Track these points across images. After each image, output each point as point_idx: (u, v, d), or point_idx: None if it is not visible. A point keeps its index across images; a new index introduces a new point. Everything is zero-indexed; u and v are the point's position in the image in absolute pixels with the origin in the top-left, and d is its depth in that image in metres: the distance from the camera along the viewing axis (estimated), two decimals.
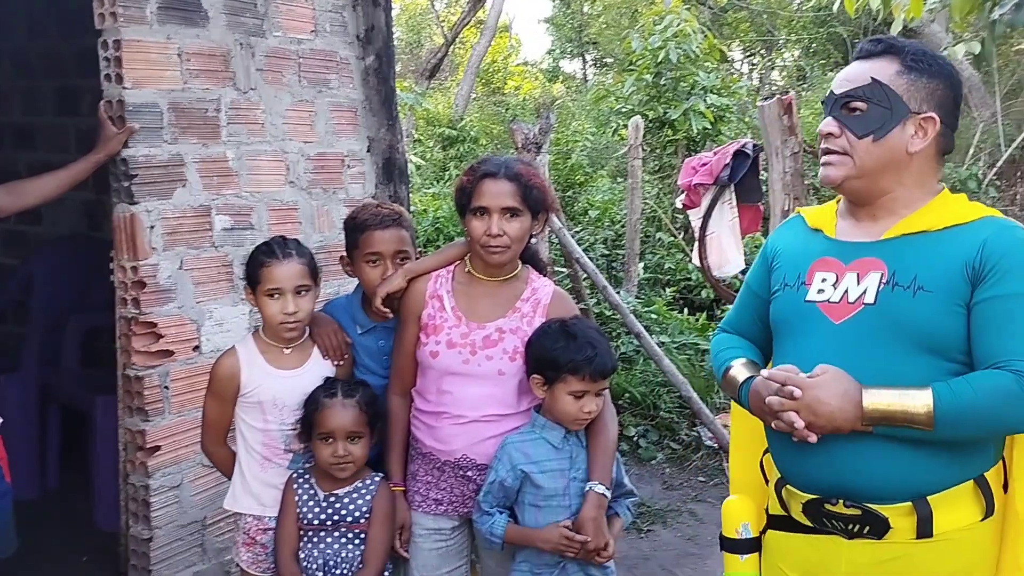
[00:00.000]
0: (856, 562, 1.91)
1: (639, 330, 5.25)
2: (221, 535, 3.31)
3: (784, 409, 1.84)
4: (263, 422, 2.54)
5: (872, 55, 1.96)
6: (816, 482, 1.93)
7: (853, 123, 1.93)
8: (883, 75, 1.92)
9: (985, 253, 1.82)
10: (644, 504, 4.69)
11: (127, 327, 3.07)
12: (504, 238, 2.39)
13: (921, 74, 1.92)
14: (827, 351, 1.90)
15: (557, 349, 2.34)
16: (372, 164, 3.90)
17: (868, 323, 1.88)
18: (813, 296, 1.97)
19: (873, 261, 1.91)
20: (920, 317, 1.83)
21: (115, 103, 2.98)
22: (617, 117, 9.98)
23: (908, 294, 1.84)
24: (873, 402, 1.79)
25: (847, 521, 1.89)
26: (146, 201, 3.04)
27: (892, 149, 1.91)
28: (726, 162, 5.36)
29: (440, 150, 13.95)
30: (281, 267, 2.48)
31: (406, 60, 21.83)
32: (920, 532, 1.84)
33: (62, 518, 4.13)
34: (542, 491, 2.37)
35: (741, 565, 2.15)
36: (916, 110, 1.91)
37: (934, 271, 1.84)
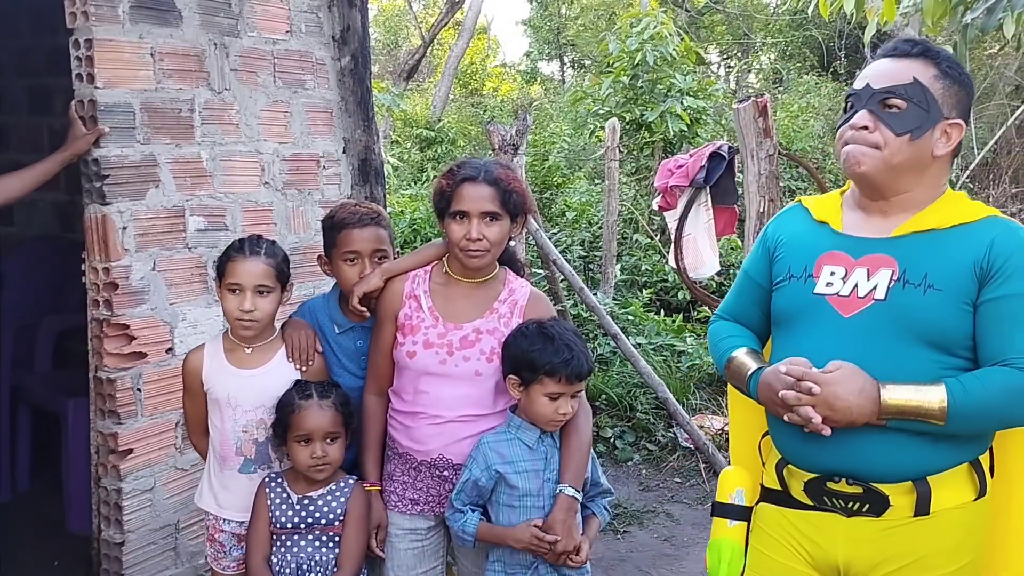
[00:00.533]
0: (854, 538, 1.97)
1: (616, 331, 5.26)
2: (194, 538, 3.29)
3: (801, 404, 1.89)
4: (220, 421, 2.54)
5: (909, 55, 1.99)
6: (821, 463, 1.98)
7: (891, 119, 1.95)
8: (923, 77, 1.95)
9: (993, 253, 1.88)
10: (620, 505, 4.70)
11: (99, 329, 3.04)
12: (483, 242, 2.39)
13: (954, 81, 1.97)
14: (835, 344, 1.94)
15: (534, 351, 2.35)
16: (348, 165, 3.88)
17: (878, 318, 1.92)
18: (822, 289, 2.00)
19: (884, 258, 1.96)
20: (930, 314, 1.88)
21: (87, 103, 2.95)
22: (594, 119, 10.00)
23: (919, 292, 1.90)
24: (890, 398, 1.85)
25: (848, 499, 1.96)
26: (118, 202, 3.01)
27: (922, 150, 1.95)
28: (702, 164, 5.38)
29: (418, 151, 13.93)
30: (245, 264, 2.47)
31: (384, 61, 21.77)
32: (918, 510, 1.92)
33: (33, 521, 4.09)
34: (516, 491, 2.38)
35: (728, 531, 2.20)
36: (947, 116, 1.96)
37: (944, 270, 1.90)
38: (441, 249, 2.56)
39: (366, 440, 2.57)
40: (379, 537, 2.53)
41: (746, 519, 2.20)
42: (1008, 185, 13.10)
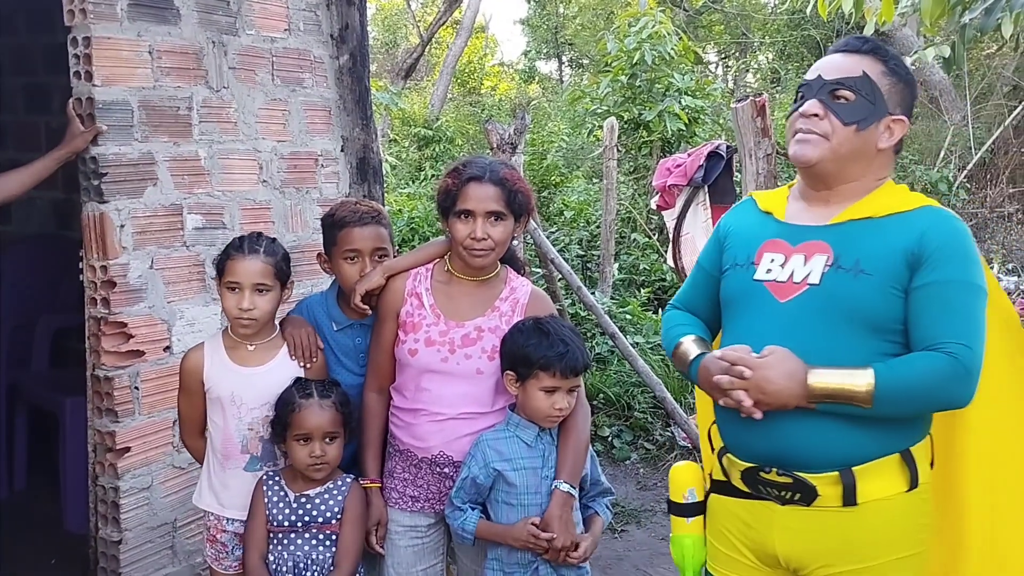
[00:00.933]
0: (787, 527, 2.03)
1: (613, 330, 5.26)
2: (192, 537, 3.28)
3: (734, 388, 1.96)
4: (222, 419, 2.53)
5: (859, 51, 2.08)
6: (753, 451, 2.05)
7: (840, 110, 2.03)
8: (872, 72, 2.04)
9: (924, 241, 1.94)
10: (618, 504, 4.70)
11: (97, 327, 3.03)
12: (488, 241, 2.40)
13: (900, 79, 2.06)
14: (772, 328, 2.01)
15: (529, 345, 2.36)
16: (346, 164, 3.88)
17: (812, 303, 1.99)
18: (761, 275, 2.08)
19: (820, 244, 2.03)
20: (860, 298, 1.95)
21: (85, 101, 2.95)
22: (592, 118, 10.00)
23: (850, 276, 1.96)
24: (817, 381, 1.90)
25: (780, 488, 2.01)
26: (116, 200, 3.00)
27: (867, 141, 2.04)
28: (700, 163, 5.39)
29: (416, 150, 13.92)
30: (243, 262, 2.47)
31: (382, 60, 21.75)
32: (845, 500, 1.96)
33: (30, 520, 4.08)
34: (515, 489, 2.39)
35: (687, 527, 2.27)
36: (892, 111, 2.04)
37: (875, 255, 1.96)
38: (443, 247, 2.56)
39: (366, 437, 2.57)
40: (379, 534, 2.53)
41: (702, 513, 2.26)
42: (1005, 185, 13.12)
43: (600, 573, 4.01)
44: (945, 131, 13.13)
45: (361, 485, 2.53)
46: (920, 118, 14.75)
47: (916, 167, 12.10)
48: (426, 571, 2.57)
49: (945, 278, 1.92)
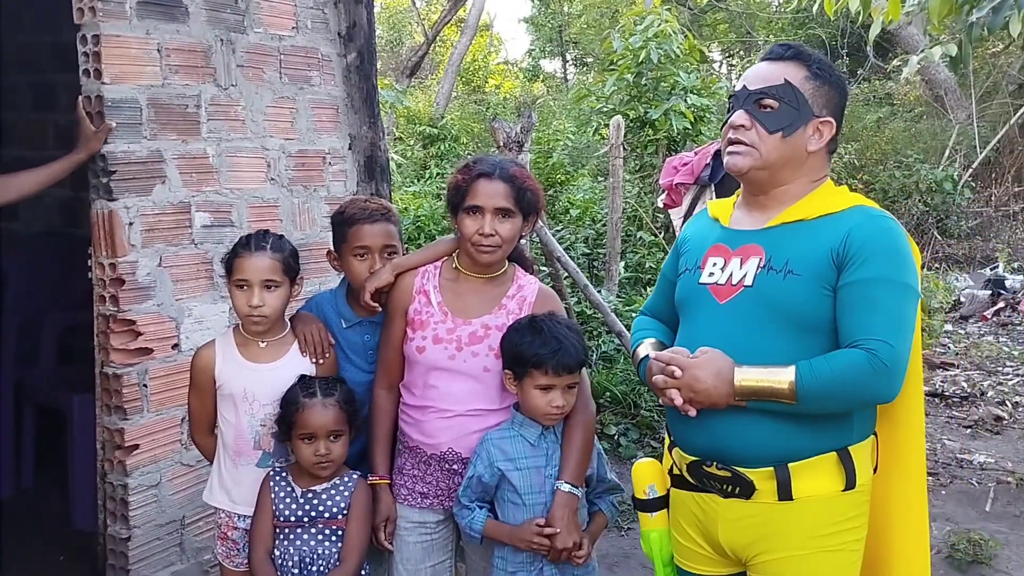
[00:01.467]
0: (730, 519, 2.12)
1: (620, 329, 5.26)
2: (200, 534, 3.29)
3: (667, 387, 2.08)
4: (234, 416, 2.54)
5: (783, 58, 2.14)
6: (695, 446, 2.15)
7: (765, 119, 2.10)
8: (794, 78, 2.10)
9: (849, 240, 2.00)
10: (624, 502, 4.69)
11: (105, 325, 3.04)
12: (495, 238, 2.40)
13: (824, 82, 2.12)
14: (712, 329, 2.11)
15: (523, 344, 2.36)
16: (354, 162, 3.88)
17: (747, 303, 2.07)
18: (704, 279, 2.17)
19: (754, 247, 2.11)
20: (789, 298, 2.02)
21: (94, 99, 2.95)
22: (598, 116, 9.98)
23: (780, 277, 2.04)
24: (742, 379, 1.99)
25: (721, 482, 2.10)
26: (125, 198, 3.01)
27: (795, 146, 2.10)
28: (706, 162, 5.38)
29: (421, 148, 13.93)
30: (251, 259, 2.48)
31: (386, 58, 21.76)
32: (780, 495, 2.04)
33: (38, 517, 4.09)
34: (519, 489, 2.39)
35: (652, 521, 2.35)
36: (818, 114, 2.11)
37: (804, 256, 2.03)
38: (451, 245, 2.57)
39: (375, 434, 2.58)
40: (387, 530, 2.54)
41: (665, 506, 2.35)
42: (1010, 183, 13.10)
43: (607, 571, 4.01)
44: (950, 130, 13.12)
45: (368, 481, 2.54)
46: (925, 117, 14.74)
47: (921, 166, 12.09)
48: (435, 568, 2.57)
49: (868, 276, 1.97)
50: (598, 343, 6.30)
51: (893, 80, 15.60)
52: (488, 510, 2.44)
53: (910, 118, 14.83)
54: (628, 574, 4.02)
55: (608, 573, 4.00)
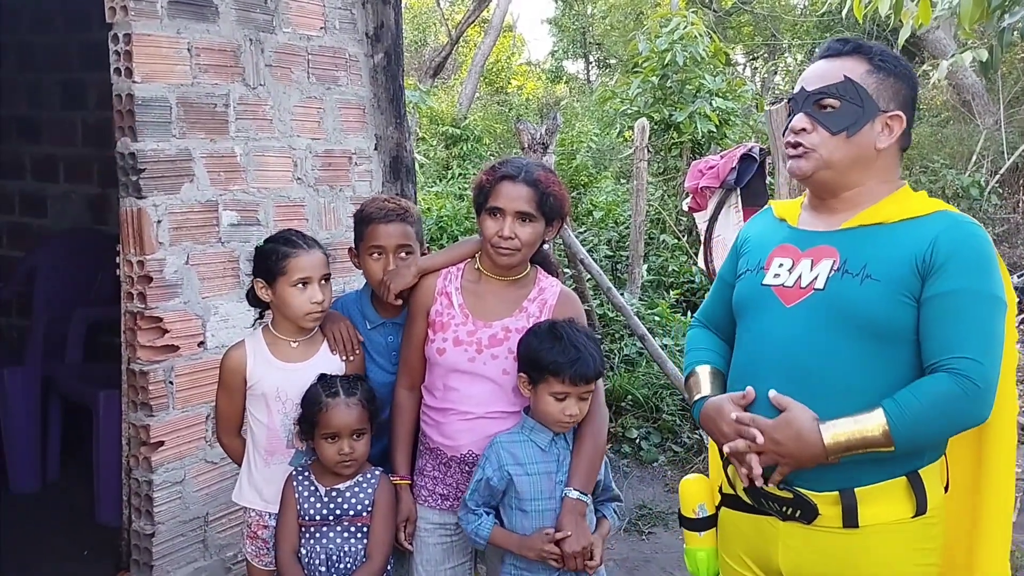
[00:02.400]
0: (789, 544, 2.00)
1: (643, 332, 5.25)
2: (223, 531, 3.31)
3: (749, 452, 1.95)
4: (267, 415, 2.55)
5: (841, 54, 2.02)
6: None
7: (827, 119, 1.99)
8: (855, 74, 1.99)
9: (936, 248, 1.87)
10: (645, 506, 4.69)
11: (133, 321, 3.06)
12: (515, 241, 2.40)
13: (888, 74, 1.99)
14: (776, 333, 1.99)
15: (541, 350, 2.34)
16: (379, 162, 3.89)
17: (816, 307, 1.95)
18: (769, 280, 2.05)
19: (828, 249, 1.99)
20: (865, 304, 1.89)
21: (124, 97, 2.97)
22: (622, 118, 9.97)
23: (856, 281, 1.91)
24: (833, 437, 1.85)
25: (781, 503, 1.98)
26: (153, 196, 3.03)
27: (862, 145, 1.98)
28: (733, 165, 5.35)
29: (443, 148, 13.95)
30: (309, 256, 2.51)
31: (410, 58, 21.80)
32: (846, 521, 1.92)
33: (63, 512, 4.12)
34: (527, 495, 2.38)
35: (699, 540, 2.24)
36: (884, 108, 1.98)
37: (884, 261, 1.90)
38: (475, 246, 2.57)
39: (396, 434, 2.58)
40: (408, 531, 2.54)
41: (714, 525, 2.23)
42: None
43: (627, 575, 4.00)
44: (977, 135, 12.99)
45: (390, 480, 2.54)
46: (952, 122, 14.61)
47: (947, 171, 11.98)
48: (454, 569, 2.57)
49: (956, 288, 1.85)
50: (620, 346, 6.29)
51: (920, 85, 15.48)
52: (494, 517, 2.42)
53: (937, 123, 14.70)
54: None
55: None
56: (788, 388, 1.95)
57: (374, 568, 2.47)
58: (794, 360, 1.95)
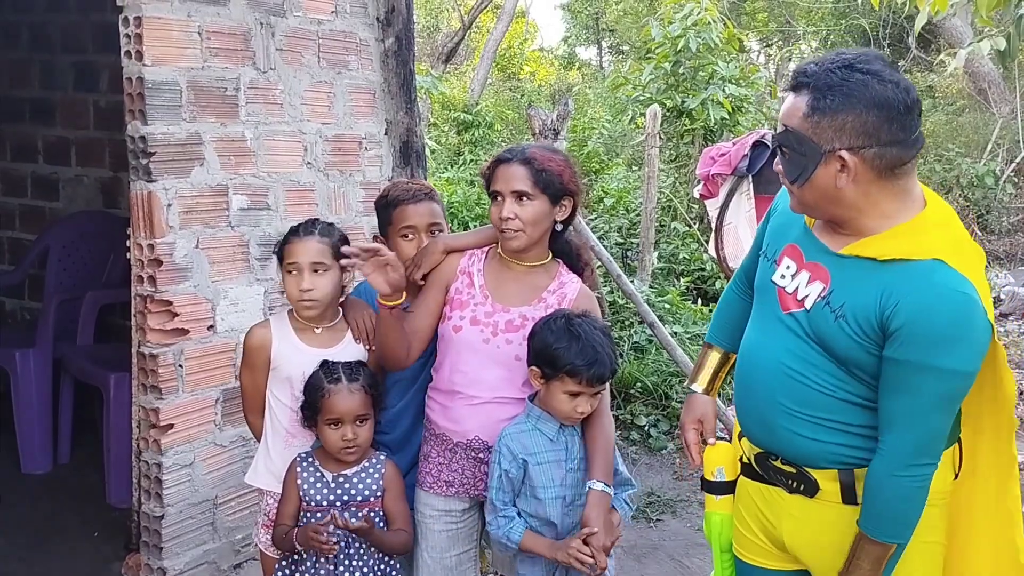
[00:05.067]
0: (795, 516, 2.07)
1: (652, 319, 5.23)
2: (232, 514, 3.33)
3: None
4: (291, 398, 2.55)
5: (793, 90, 1.92)
6: (758, 441, 2.11)
7: (785, 168, 1.96)
8: (792, 120, 1.90)
9: (899, 308, 1.81)
10: (654, 493, 4.69)
11: (143, 304, 3.07)
12: (516, 221, 2.41)
13: (824, 112, 1.84)
14: (771, 333, 2.06)
15: (559, 348, 2.31)
16: (390, 147, 3.88)
17: (801, 324, 1.99)
18: (777, 278, 2.08)
19: (823, 271, 1.98)
20: (833, 339, 1.92)
21: (135, 80, 2.97)
22: (634, 105, 9.92)
23: (832, 316, 1.92)
24: None
25: (787, 476, 2.05)
26: (164, 179, 3.03)
27: (821, 188, 1.90)
28: (745, 152, 5.33)
29: (455, 135, 13.92)
30: (299, 243, 2.51)
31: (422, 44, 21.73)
32: (845, 498, 1.98)
33: (73, 492, 4.15)
34: (539, 482, 2.38)
35: (716, 504, 2.31)
36: (829, 148, 1.85)
37: (858, 304, 1.88)
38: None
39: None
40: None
41: (731, 492, 2.29)
42: None
43: (635, 562, 4.00)
44: (993, 124, 12.89)
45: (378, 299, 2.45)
46: (968, 110, 14.50)
47: (962, 160, 11.90)
48: (459, 556, 2.57)
49: (903, 359, 1.83)
50: (630, 333, 6.28)
51: (935, 72, 15.36)
52: (525, 521, 2.40)
53: (952, 111, 14.60)
54: (656, 565, 4.01)
55: (636, 564, 3.99)
56: (777, 389, 2.02)
57: (402, 539, 2.50)
58: (781, 365, 2.01)
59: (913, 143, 1.86)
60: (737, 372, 2.19)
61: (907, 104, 1.83)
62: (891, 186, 1.88)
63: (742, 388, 2.16)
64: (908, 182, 1.90)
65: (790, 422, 2.00)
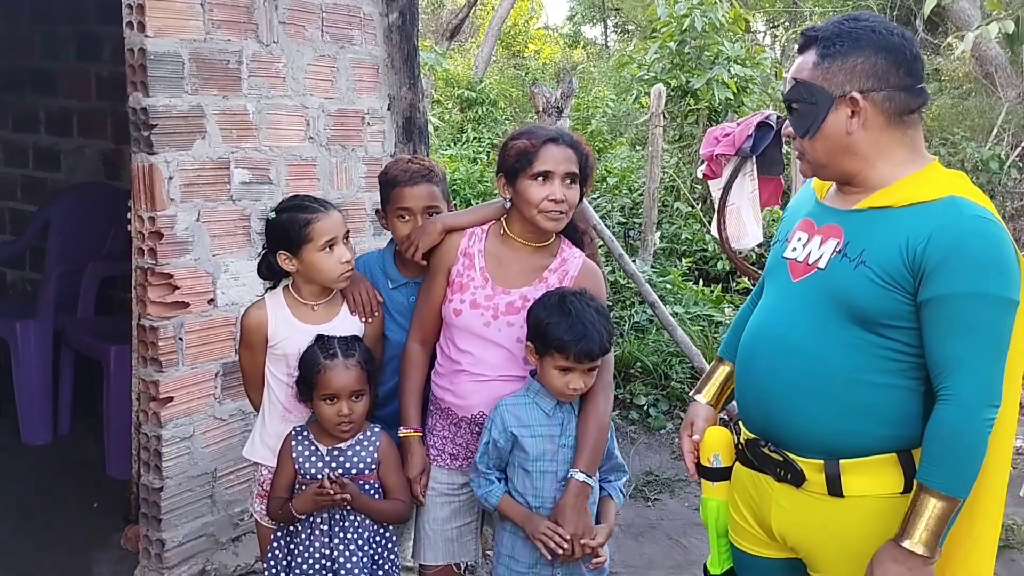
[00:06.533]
0: (781, 504, 2.05)
1: (653, 299, 5.23)
2: (231, 487, 3.34)
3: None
4: (287, 375, 2.55)
5: (800, 51, 1.99)
6: (753, 424, 2.10)
7: (795, 124, 1.99)
8: (802, 72, 1.95)
9: (929, 245, 1.80)
10: (652, 473, 4.70)
11: (143, 277, 3.06)
12: (564, 204, 2.39)
13: (834, 58, 1.90)
14: (779, 306, 2.05)
15: (549, 323, 2.32)
16: (392, 122, 3.86)
17: (815, 287, 1.96)
18: (788, 252, 2.07)
19: (836, 228, 1.98)
20: (854, 290, 1.88)
21: (136, 51, 2.95)
22: (639, 84, 9.87)
23: (851, 266, 1.90)
24: (921, 541, 1.81)
25: (775, 465, 2.03)
26: (165, 152, 3.01)
27: (832, 137, 1.93)
28: (749, 133, 5.30)
29: (458, 112, 13.87)
30: (330, 218, 2.51)
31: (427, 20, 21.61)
32: (830, 490, 1.95)
33: (73, 464, 4.17)
34: (531, 455, 2.39)
35: (712, 490, 2.28)
36: (840, 94, 1.90)
37: (879, 248, 1.87)
38: (499, 210, 2.55)
39: (407, 387, 2.57)
40: (423, 483, 2.55)
41: (727, 478, 2.26)
42: None
43: (632, 540, 4.02)
44: (999, 108, 12.83)
45: (401, 434, 2.55)
46: (974, 94, 14.42)
47: (967, 144, 11.85)
48: (460, 529, 2.59)
49: (950, 292, 1.78)
50: (631, 313, 6.28)
51: (942, 56, 15.27)
52: (505, 484, 2.44)
53: (958, 95, 14.51)
54: (654, 544, 4.03)
55: (634, 543, 4.01)
56: (779, 363, 1.99)
57: (399, 508, 2.51)
58: (787, 335, 1.99)
59: (919, 92, 1.92)
60: (739, 353, 2.17)
61: (913, 52, 1.91)
62: (900, 135, 1.92)
63: (743, 368, 2.14)
64: (916, 135, 1.95)
65: (785, 401, 1.98)
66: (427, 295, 2.55)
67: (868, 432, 1.91)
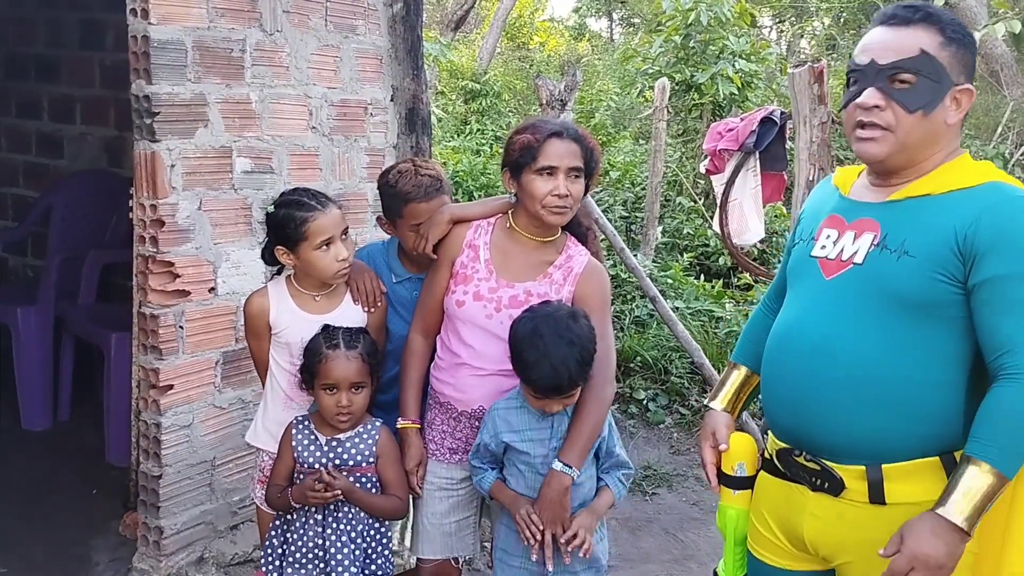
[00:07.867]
0: (817, 515, 1.97)
1: (654, 294, 5.23)
2: (230, 475, 3.34)
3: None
4: (290, 363, 2.57)
5: (910, 23, 1.89)
6: (785, 432, 2.01)
7: (903, 96, 1.87)
8: (930, 47, 1.87)
9: (979, 228, 1.78)
10: (650, 467, 4.71)
11: (144, 265, 3.06)
12: (569, 198, 2.38)
13: (960, 45, 1.89)
14: (813, 306, 1.96)
15: (520, 353, 2.30)
16: (395, 113, 3.86)
17: (852, 282, 1.90)
18: (816, 251, 2.01)
19: (870, 222, 1.93)
20: (898, 281, 1.84)
21: (140, 39, 2.95)
22: (643, 78, 9.86)
23: (893, 257, 1.85)
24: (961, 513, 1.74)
25: (810, 474, 1.95)
26: (167, 140, 3.01)
27: (935, 122, 1.88)
28: (752, 129, 5.30)
29: (462, 103, 13.84)
30: (326, 216, 2.50)
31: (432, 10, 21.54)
32: (872, 497, 1.88)
33: (72, 450, 4.17)
34: (523, 456, 2.39)
35: (733, 499, 2.21)
36: (956, 82, 1.88)
37: (923, 237, 1.84)
38: (506, 204, 2.55)
39: (407, 378, 2.58)
40: (420, 475, 2.56)
41: (750, 487, 2.20)
42: None
43: (629, 534, 4.03)
44: (1004, 106, 12.80)
45: (399, 425, 2.56)
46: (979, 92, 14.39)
47: (972, 142, 11.83)
48: (459, 523, 2.60)
49: (1004, 273, 1.76)
50: (631, 307, 6.28)
51: None
52: (498, 472, 2.47)
53: None
54: (651, 539, 4.04)
55: (631, 537, 4.02)
56: (814, 365, 1.92)
57: (396, 504, 2.51)
58: (823, 335, 1.92)
59: None
60: (766, 359, 2.08)
61: None
62: (960, 131, 1.95)
63: (772, 374, 2.05)
64: None
65: (822, 403, 1.90)
66: (431, 286, 2.55)
67: (911, 432, 1.84)
